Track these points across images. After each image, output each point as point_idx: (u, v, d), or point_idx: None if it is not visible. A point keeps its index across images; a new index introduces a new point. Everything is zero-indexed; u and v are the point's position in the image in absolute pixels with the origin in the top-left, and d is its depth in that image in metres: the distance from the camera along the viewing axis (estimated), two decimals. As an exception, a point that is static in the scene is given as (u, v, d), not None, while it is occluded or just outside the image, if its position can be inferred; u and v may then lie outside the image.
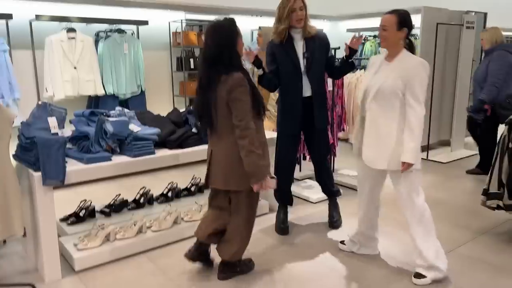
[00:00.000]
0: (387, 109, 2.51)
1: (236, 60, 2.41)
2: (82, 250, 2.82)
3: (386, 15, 2.53)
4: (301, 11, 2.98)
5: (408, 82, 2.44)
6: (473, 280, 2.67)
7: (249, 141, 2.31)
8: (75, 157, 2.79)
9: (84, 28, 4.61)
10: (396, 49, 2.54)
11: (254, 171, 2.33)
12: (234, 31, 2.41)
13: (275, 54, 3.13)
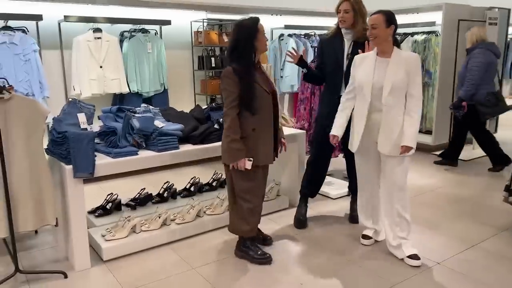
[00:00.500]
0: (400, 100, 2.73)
1: (247, 55, 2.65)
2: (109, 240, 2.93)
3: (373, 15, 2.74)
4: (346, 14, 3.08)
5: (410, 74, 2.69)
6: (495, 274, 2.67)
7: (227, 126, 2.66)
8: (103, 152, 2.91)
9: (109, 28, 4.76)
10: (388, 45, 2.74)
11: (226, 151, 2.69)
12: (253, 28, 2.64)
13: (323, 48, 3.29)
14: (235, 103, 2.63)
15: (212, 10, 5.31)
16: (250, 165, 2.67)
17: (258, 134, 2.70)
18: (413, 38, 5.99)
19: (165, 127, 3.10)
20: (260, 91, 2.68)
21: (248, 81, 2.62)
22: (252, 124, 2.68)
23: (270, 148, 2.79)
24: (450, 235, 3.23)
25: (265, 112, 2.72)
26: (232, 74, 2.62)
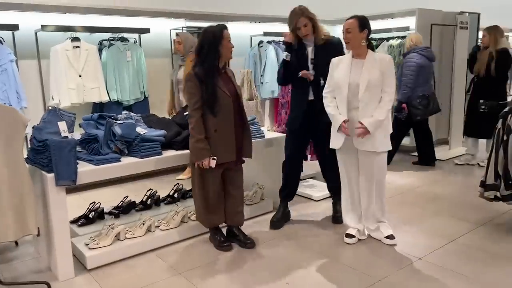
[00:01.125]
0: (375, 98, 2.90)
1: (210, 59, 2.82)
2: (93, 249, 2.90)
3: (348, 20, 2.92)
4: (305, 28, 3.16)
5: (385, 74, 2.89)
6: (472, 266, 2.76)
7: (191, 127, 2.87)
8: (85, 159, 2.89)
9: (88, 37, 4.73)
10: (362, 48, 2.93)
11: (191, 150, 2.92)
12: (217, 34, 2.83)
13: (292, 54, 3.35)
14: (198, 105, 2.83)
15: (191, 18, 5.34)
16: (214, 163, 2.85)
17: (220, 134, 2.88)
18: (389, 42, 6.15)
19: (147, 133, 3.11)
20: (220, 94, 2.84)
21: (209, 84, 2.80)
22: (214, 125, 2.86)
23: (231, 147, 2.94)
24: (429, 232, 3.32)
25: (226, 114, 2.88)
26: (194, 77, 2.82)
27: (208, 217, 3.08)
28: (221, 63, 2.94)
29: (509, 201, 3.22)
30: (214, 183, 3.00)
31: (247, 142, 3.08)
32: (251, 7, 6.02)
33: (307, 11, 3.19)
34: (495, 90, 4.79)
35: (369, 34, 2.94)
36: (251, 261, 2.92)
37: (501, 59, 4.73)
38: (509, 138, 3.13)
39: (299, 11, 3.18)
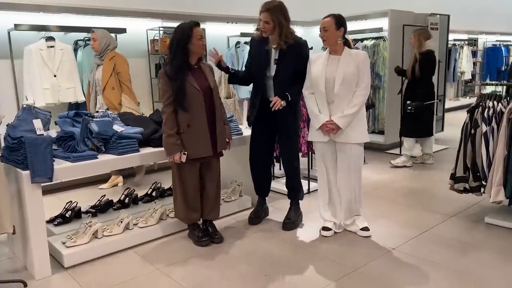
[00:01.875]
0: (349, 92, 2.99)
1: (178, 56, 2.87)
2: (70, 247, 2.88)
3: (325, 18, 3.01)
4: (267, 24, 3.10)
5: (360, 70, 2.98)
6: (444, 255, 2.87)
7: (163, 123, 2.94)
8: (61, 157, 2.86)
9: (63, 37, 4.68)
10: (339, 45, 3.02)
11: (164, 146, 2.96)
12: (186, 31, 2.87)
13: (251, 49, 3.36)
14: (169, 101, 2.89)
15: (167, 18, 5.34)
16: (185, 158, 2.91)
17: (193, 129, 2.93)
18: (363, 43, 6.30)
19: (124, 130, 3.10)
20: (190, 89, 2.89)
21: (177, 80, 2.86)
22: (186, 120, 2.91)
23: (206, 142, 2.99)
24: (404, 224, 3.42)
25: (197, 109, 2.93)
26: (164, 75, 2.91)
27: (188, 214, 3.10)
28: (193, 59, 2.98)
29: (477, 193, 3.36)
30: (192, 178, 3.03)
31: (220, 136, 3.09)
32: (228, 7, 6.07)
33: (276, 11, 3.07)
34: (421, 91, 4.97)
35: (345, 32, 3.03)
36: (229, 256, 2.95)
37: (424, 61, 4.91)
38: (476, 132, 3.27)
39: (267, 5, 3.09)
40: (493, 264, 2.73)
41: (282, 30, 3.11)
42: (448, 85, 10.65)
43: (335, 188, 3.22)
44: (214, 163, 3.15)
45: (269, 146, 3.47)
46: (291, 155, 3.40)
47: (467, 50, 10.32)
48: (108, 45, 4.32)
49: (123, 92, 4.38)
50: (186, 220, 3.16)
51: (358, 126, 3.03)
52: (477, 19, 11.04)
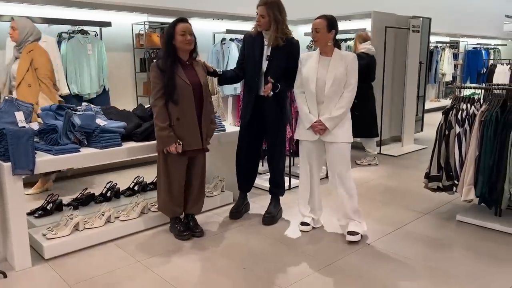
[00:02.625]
0: (338, 93, 3.05)
1: (167, 52, 2.98)
2: (51, 239, 2.90)
3: (317, 19, 3.04)
4: (262, 18, 3.18)
5: (349, 71, 3.03)
6: (415, 250, 2.99)
7: (155, 116, 3.00)
8: (43, 149, 2.88)
9: (46, 29, 4.66)
10: (329, 47, 3.08)
11: (157, 139, 3.02)
12: (170, 28, 2.97)
13: (245, 45, 3.40)
14: (160, 94, 2.96)
15: (153, 12, 5.36)
16: (180, 148, 2.99)
17: (183, 122, 3.00)
18: (347, 43, 6.41)
19: (107, 124, 3.13)
20: (179, 82, 2.96)
21: (167, 74, 2.93)
22: (176, 113, 2.98)
23: (195, 135, 3.05)
24: (379, 220, 3.53)
25: (187, 102, 2.99)
26: (156, 67, 2.98)
27: (171, 207, 3.15)
28: (183, 55, 3.03)
29: (450, 191, 3.49)
30: (179, 172, 3.09)
31: (206, 130, 3.16)
32: (214, 4, 6.10)
33: (273, 6, 3.15)
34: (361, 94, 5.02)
35: (336, 34, 3.08)
36: (210, 249, 3.01)
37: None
38: (450, 133, 3.39)
39: (264, 0, 3.17)
40: (462, 260, 2.85)
41: (278, 25, 3.18)
42: (430, 87, 10.89)
43: (317, 186, 3.29)
44: (201, 158, 3.21)
45: (258, 143, 3.55)
46: (278, 152, 3.48)
47: (448, 52, 10.56)
48: (29, 35, 3.84)
49: (42, 90, 3.82)
50: (169, 213, 3.21)
51: (343, 125, 3.07)
52: (459, 22, 11.28)
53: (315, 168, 3.27)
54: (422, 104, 7.17)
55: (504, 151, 3.11)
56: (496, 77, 8.75)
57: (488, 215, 3.43)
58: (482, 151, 3.20)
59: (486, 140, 3.18)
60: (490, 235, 3.22)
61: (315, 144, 3.18)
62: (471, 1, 11.94)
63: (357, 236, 3.08)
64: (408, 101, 6.23)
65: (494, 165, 3.16)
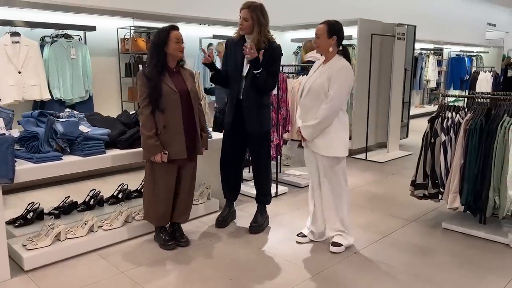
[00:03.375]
0: (315, 104, 2.90)
1: (156, 59, 2.91)
2: (31, 250, 2.81)
3: (320, 25, 2.92)
4: (246, 22, 3.17)
5: (330, 81, 2.86)
6: (402, 259, 2.98)
7: (141, 124, 2.94)
8: (24, 157, 2.80)
9: (29, 32, 4.56)
10: (330, 54, 2.94)
11: (143, 148, 2.96)
12: (163, 35, 2.91)
13: (227, 50, 3.38)
14: (146, 102, 2.90)
15: (139, 17, 5.30)
16: (166, 157, 2.93)
17: (169, 130, 2.94)
18: (333, 50, 6.43)
19: (90, 131, 3.06)
20: (166, 90, 2.90)
21: (154, 81, 2.87)
22: (163, 122, 2.92)
23: (181, 144, 2.99)
24: (366, 228, 3.53)
25: (173, 110, 2.94)
26: (142, 75, 2.93)
27: (157, 216, 3.09)
28: (172, 63, 2.98)
29: (436, 199, 3.51)
30: (168, 180, 3.03)
31: (196, 141, 3.10)
32: (200, 9, 6.06)
33: (256, 9, 3.14)
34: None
35: (340, 41, 2.91)
36: (195, 259, 2.96)
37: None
38: (436, 141, 3.41)
39: (248, 3, 3.17)
40: (447, 268, 2.86)
41: (261, 28, 3.17)
42: (414, 93, 11.01)
43: (317, 196, 3.13)
44: (191, 167, 3.15)
45: (241, 150, 3.50)
46: (262, 162, 3.43)
47: (432, 59, 10.71)
48: None
49: None
50: (154, 221, 3.15)
51: (325, 137, 2.93)
52: (443, 29, 11.47)
53: (314, 179, 3.13)
54: (408, 110, 7.23)
55: (488, 160, 3.14)
56: (479, 84, 8.89)
57: (473, 222, 3.46)
58: (467, 159, 3.23)
59: (471, 148, 3.21)
60: (475, 242, 3.24)
61: (310, 154, 3.08)
62: (455, 9, 12.16)
63: (340, 247, 3.03)
64: (394, 108, 6.28)
65: (479, 173, 3.18)
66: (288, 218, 3.73)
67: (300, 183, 4.65)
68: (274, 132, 4.35)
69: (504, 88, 6.48)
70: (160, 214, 3.08)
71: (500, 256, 3.02)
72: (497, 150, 3.10)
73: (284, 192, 4.44)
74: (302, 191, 4.48)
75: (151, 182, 3.04)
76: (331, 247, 3.06)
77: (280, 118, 4.41)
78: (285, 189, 4.47)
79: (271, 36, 3.27)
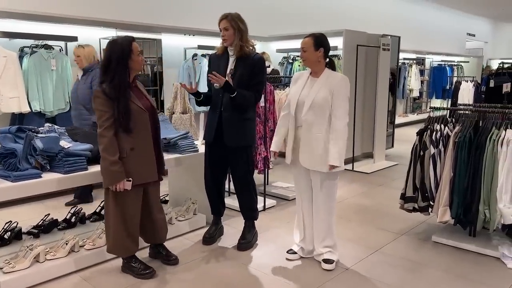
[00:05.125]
0: (319, 118, 2.83)
1: (120, 74, 2.64)
2: (8, 273, 2.67)
3: (304, 38, 2.89)
4: (226, 31, 3.13)
5: (334, 95, 2.81)
6: (395, 275, 2.93)
7: (103, 148, 2.63)
8: (1, 176, 2.66)
9: (7, 43, 4.42)
10: (318, 66, 2.90)
11: (104, 174, 2.66)
12: (126, 47, 2.66)
13: (210, 65, 3.32)
14: (108, 123, 2.61)
15: (122, 28, 5.18)
16: (130, 185, 2.67)
17: (138, 152, 2.71)
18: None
19: (72, 147, 2.94)
20: (135, 110, 2.69)
21: (121, 100, 2.61)
22: (130, 143, 2.68)
23: (151, 165, 2.81)
24: (356, 242, 3.47)
25: (143, 130, 2.74)
26: (103, 94, 2.62)
27: (126, 245, 2.82)
28: (131, 77, 2.77)
29: (426, 212, 3.48)
30: (135, 206, 2.80)
31: (161, 157, 2.97)
32: (185, 20, 5.99)
33: (234, 18, 3.13)
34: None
35: (326, 52, 2.90)
36: (181, 279, 2.85)
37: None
38: (425, 154, 3.39)
39: (225, 14, 3.15)
40: (440, 282, 2.82)
41: (243, 36, 3.14)
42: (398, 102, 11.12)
43: (307, 215, 3.07)
44: (157, 184, 2.97)
45: (222, 168, 3.40)
46: (242, 176, 3.32)
47: (415, 68, 10.85)
48: None
49: None
50: (123, 252, 2.86)
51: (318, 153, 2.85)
52: (425, 39, 11.65)
53: (304, 196, 3.06)
54: (393, 119, 7.27)
55: (478, 173, 3.13)
56: (461, 93, 9.00)
57: (463, 235, 3.44)
58: (456, 172, 3.21)
59: (460, 161, 3.19)
60: (465, 256, 3.22)
61: (301, 171, 2.99)
62: (436, 20, 12.38)
63: (332, 264, 2.98)
64: (379, 117, 6.29)
65: (468, 187, 3.17)
66: (277, 233, 3.66)
67: (288, 196, 4.58)
68: (262, 145, 4.28)
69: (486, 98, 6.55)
70: (129, 243, 2.83)
71: (490, 270, 3.00)
72: (486, 163, 3.09)
73: (273, 205, 4.36)
74: (290, 204, 4.41)
75: (116, 211, 2.74)
76: (323, 264, 2.98)
77: (267, 131, 4.34)
78: (273, 202, 4.39)
79: (252, 42, 3.23)
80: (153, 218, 2.96)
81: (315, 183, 2.95)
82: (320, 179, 2.91)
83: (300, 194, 3.10)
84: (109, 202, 2.77)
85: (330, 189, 2.94)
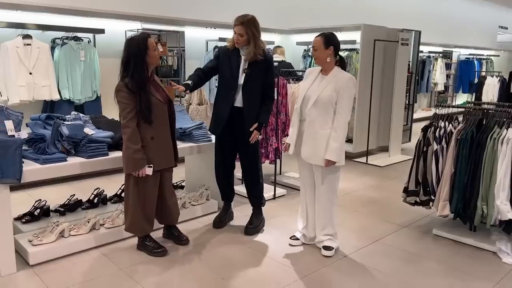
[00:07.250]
0: (323, 114, 2.99)
1: (139, 70, 2.87)
2: (36, 245, 2.98)
3: (315, 38, 3.05)
4: (240, 37, 3.28)
5: (339, 94, 2.95)
6: (391, 264, 3.09)
7: (126, 138, 2.87)
8: (31, 158, 2.96)
9: (40, 35, 4.74)
10: (328, 64, 3.05)
11: (126, 161, 2.91)
12: (142, 44, 2.88)
13: (220, 57, 3.47)
14: (131, 115, 2.86)
15: (146, 20, 5.44)
16: (151, 171, 2.93)
17: (157, 141, 2.97)
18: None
19: (94, 134, 3.22)
20: (155, 102, 2.94)
21: (142, 94, 2.86)
22: (150, 133, 2.94)
23: (169, 153, 3.09)
24: (358, 232, 3.64)
25: (162, 121, 2.99)
26: (125, 87, 2.86)
27: (142, 225, 3.10)
28: (150, 72, 3.01)
29: (427, 206, 3.60)
30: (154, 190, 3.07)
31: (176, 146, 3.21)
32: (207, 13, 6.19)
33: (250, 25, 3.25)
34: None
35: (336, 51, 3.03)
36: (191, 258, 3.10)
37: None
38: (428, 149, 3.50)
39: (241, 19, 3.26)
40: (435, 274, 2.96)
41: (256, 42, 3.31)
42: (422, 96, 11.02)
43: (310, 203, 3.25)
44: (171, 171, 3.24)
45: (231, 157, 3.63)
46: (252, 165, 3.55)
47: (441, 62, 10.69)
48: None
49: None
50: (140, 231, 3.15)
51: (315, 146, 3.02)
52: (452, 33, 11.42)
53: (308, 187, 3.24)
54: (411, 113, 7.27)
55: (478, 169, 3.22)
56: (486, 88, 8.88)
57: (463, 229, 3.54)
58: (457, 168, 3.31)
59: (461, 158, 3.29)
60: (464, 250, 3.33)
61: (301, 160, 3.17)
62: (465, 12, 12.09)
63: (331, 251, 3.15)
64: (396, 112, 6.34)
65: (468, 183, 3.27)
66: (284, 221, 3.86)
67: (299, 186, 4.73)
68: (273, 136, 4.47)
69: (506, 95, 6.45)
70: (145, 224, 3.11)
71: (485, 263, 3.11)
72: (486, 160, 3.18)
73: (283, 194, 4.56)
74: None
75: (137, 195, 3.01)
76: (323, 250, 3.17)
77: (279, 123, 4.52)
78: (283, 192, 4.59)
79: (263, 44, 3.40)
80: (166, 202, 3.22)
81: (317, 176, 3.12)
82: (321, 172, 3.07)
83: (304, 184, 3.28)
84: (130, 186, 3.03)
85: (331, 182, 3.11)
